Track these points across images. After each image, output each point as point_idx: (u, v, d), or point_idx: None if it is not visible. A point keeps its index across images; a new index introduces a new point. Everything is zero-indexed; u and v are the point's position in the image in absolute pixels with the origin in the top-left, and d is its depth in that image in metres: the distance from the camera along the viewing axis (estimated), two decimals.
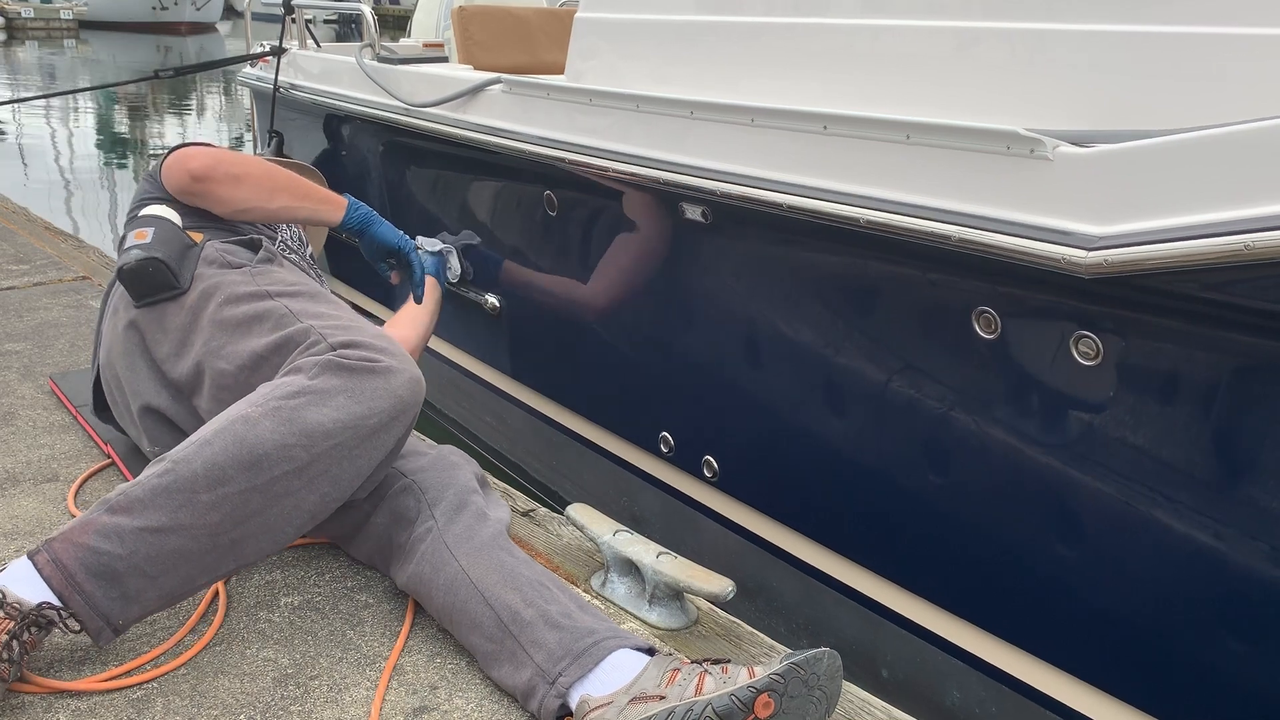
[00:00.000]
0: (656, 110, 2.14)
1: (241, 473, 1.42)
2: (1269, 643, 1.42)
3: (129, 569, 1.38)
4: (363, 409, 1.50)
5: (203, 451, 1.43)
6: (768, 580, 2.20)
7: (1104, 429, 1.53)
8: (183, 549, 1.41)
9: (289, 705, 1.41)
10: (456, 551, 1.54)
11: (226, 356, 1.68)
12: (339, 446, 1.48)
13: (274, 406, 1.47)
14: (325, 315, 1.69)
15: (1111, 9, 1.62)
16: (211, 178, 1.89)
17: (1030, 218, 1.47)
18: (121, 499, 1.41)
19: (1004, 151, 1.49)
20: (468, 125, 2.75)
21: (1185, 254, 1.28)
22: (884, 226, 1.65)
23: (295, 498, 1.47)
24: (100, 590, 1.37)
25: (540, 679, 1.37)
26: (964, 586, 1.79)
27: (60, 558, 1.37)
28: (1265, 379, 1.36)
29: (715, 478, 2.27)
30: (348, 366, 1.53)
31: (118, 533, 1.38)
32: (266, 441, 1.44)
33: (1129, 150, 1.38)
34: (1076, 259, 1.38)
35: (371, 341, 1.59)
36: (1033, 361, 1.59)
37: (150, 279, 1.76)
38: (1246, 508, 1.40)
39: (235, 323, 1.70)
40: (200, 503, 1.41)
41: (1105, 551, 1.56)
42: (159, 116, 14.66)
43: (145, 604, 1.42)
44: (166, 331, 1.76)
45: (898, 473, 1.85)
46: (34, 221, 4.45)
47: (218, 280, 1.77)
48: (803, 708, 1.25)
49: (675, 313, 2.26)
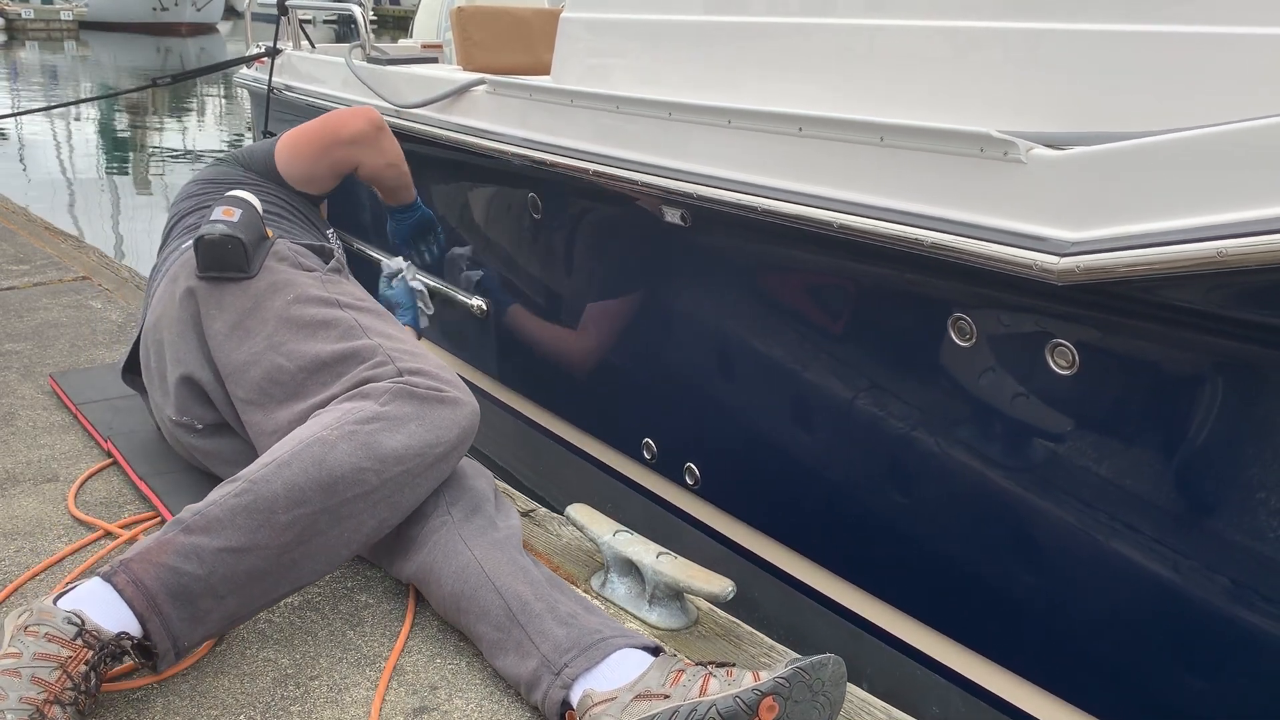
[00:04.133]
0: (635, 111, 2.12)
1: (319, 494, 1.45)
2: (1254, 660, 1.39)
3: (204, 590, 1.38)
4: (432, 437, 1.55)
5: (281, 473, 1.45)
6: (748, 589, 2.18)
7: (1082, 440, 1.50)
8: (254, 569, 1.42)
9: (289, 705, 1.41)
10: (471, 543, 1.56)
11: (288, 354, 1.70)
12: (407, 473, 1.52)
13: (349, 430, 1.51)
14: (393, 337, 1.74)
15: (1089, 9, 1.60)
16: (384, 129, 2.26)
17: (1003, 222, 1.44)
18: (199, 519, 1.41)
19: (977, 154, 1.47)
20: (453, 126, 2.73)
21: (1158, 261, 1.25)
22: (857, 231, 1.62)
23: (357, 520, 1.50)
24: (176, 612, 1.36)
25: (546, 669, 1.38)
26: (944, 601, 1.77)
27: (141, 578, 1.35)
28: (1241, 386, 1.33)
29: (697, 485, 2.24)
30: (419, 395, 1.58)
31: (198, 553, 1.38)
32: (344, 464, 1.47)
33: (1103, 153, 1.35)
34: (1049, 265, 1.36)
35: (437, 372, 1.65)
36: (1010, 371, 1.57)
37: (227, 255, 1.78)
38: (1228, 518, 1.38)
39: (303, 323, 1.73)
40: (278, 523, 1.42)
41: (1085, 566, 1.54)
42: (159, 117, 14.67)
43: (209, 626, 1.41)
44: (223, 310, 1.77)
45: (876, 483, 1.82)
46: (34, 221, 4.45)
47: (289, 277, 1.80)
48: (806, 713, 1.24)
49: (657, 317, 2.24)
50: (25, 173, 10.31)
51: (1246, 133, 1.21)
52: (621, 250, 2.31)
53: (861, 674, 1.95)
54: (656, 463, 2.35)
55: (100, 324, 2.97)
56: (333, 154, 2.20)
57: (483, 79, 2.66)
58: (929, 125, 1.53)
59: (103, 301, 3.21)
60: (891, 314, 1.73)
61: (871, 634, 1.91)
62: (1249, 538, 1.36)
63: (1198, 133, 1.26)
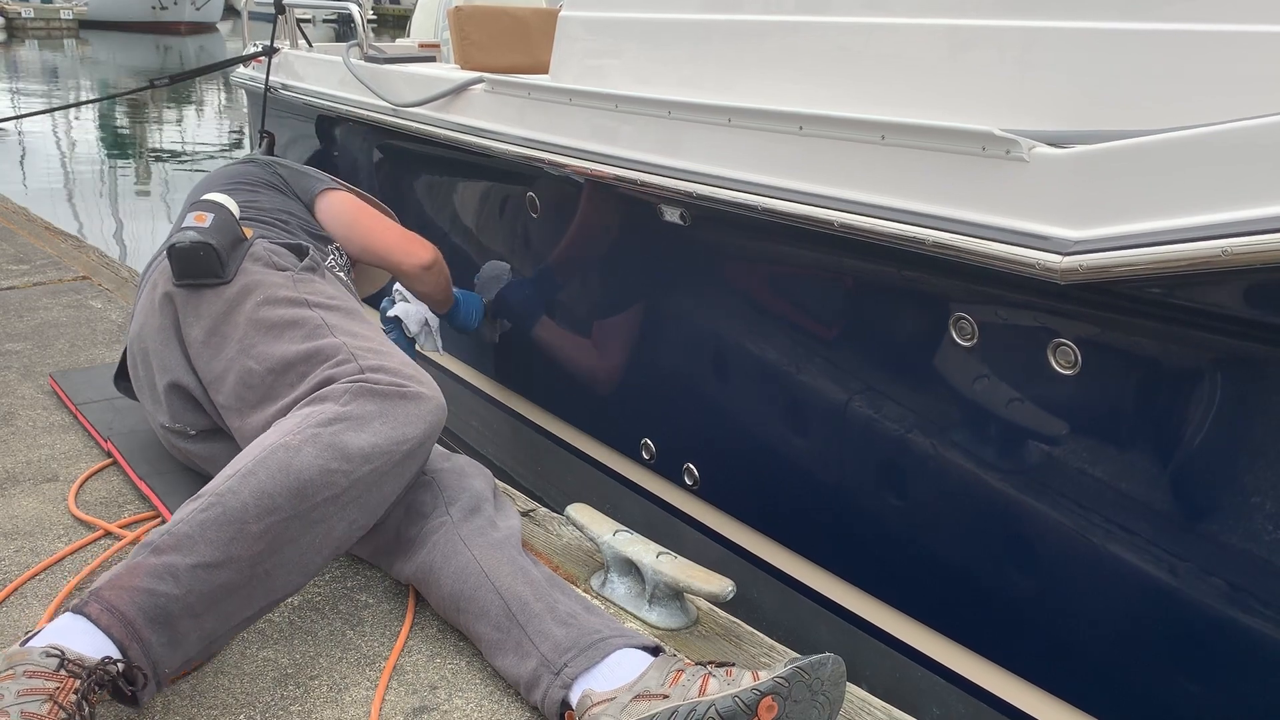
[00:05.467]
0: (635, 110, 2.11)
1: (289, 500, 1.42)
2: (1258, 663, 1.38)
3: (182, 610, 1.33)
4: (398, 434, 1.52)
5: (248, 482, 1.41)
6: (747, 590, 2.17)
7: (1083, 440, 1.49)
8: (228, 583, 1.38)
9: (289, 705, 1.41)
10: (470, 543, 1.55)
11: (256, 356, 1.69)
12: (375, 471, 1.49)
13: (312, 434, 1.48)
14: (358, 335, 1.71)
15: (1092, 7, 1.59)
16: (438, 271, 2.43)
17: (1005, 221, 1.43)
18: (167, 538, 1.37)
19: (979, 153, 1.46)
20: (451, 125, 2.72)
21: (1161, 260, 1.24)
22: (858, 230, 1.61)
23: (327, 524, 1.46)
24: (155, 637, 1.31)
25: (545, 669, 1.37)
26: (944, 602, 1.76)
27: (116, 605, 1.29)
28: (1244, 386, 1.32)
29: (696, 485, 2.23)
30: (379, 391, 1.55)
31: (172, 572, 1.33)
32: (311, 467, 1.44)
33: (1106, 151, 1.34)
34: (1051, 264, 1.35)
35: (399, 367, 1.63)
36: (1011, 370, 1.56)
37: (199, 263, 1.77)
38: (1231, 519, 1.37)
39: (270, 324, 1.71)
40: (250, 533, 1.39)
41: (1086, 567, 1.53)
42: (158, 116, 14.67)
43: (187, 649, 1.36)
44: (200, 316, 1.77)
45: (877, 484, 1.81)
46: (34, 221, 4.44)
47: (260, 278, 1.78)
48: (806, 713, 1.24)
49: (655, 316, 2.23)
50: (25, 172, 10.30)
51: (1251, 131, 1.20)
52: (620, 249, 2.30)
53: (861, 675, 1.94)
54: (655, 463, 2.34)
55: (100, 324, 2.97)
56: (380, 261, 2.31)
57: (481, 78, 2.65)
58: (931, 124, 1.52)
59: (103, 301, 3.20)
60: (892, 314, 1.72)
61: (871, 635, 1.90)
62: (1253, 539, 1.35)
63: (1202, 131, 1.25)
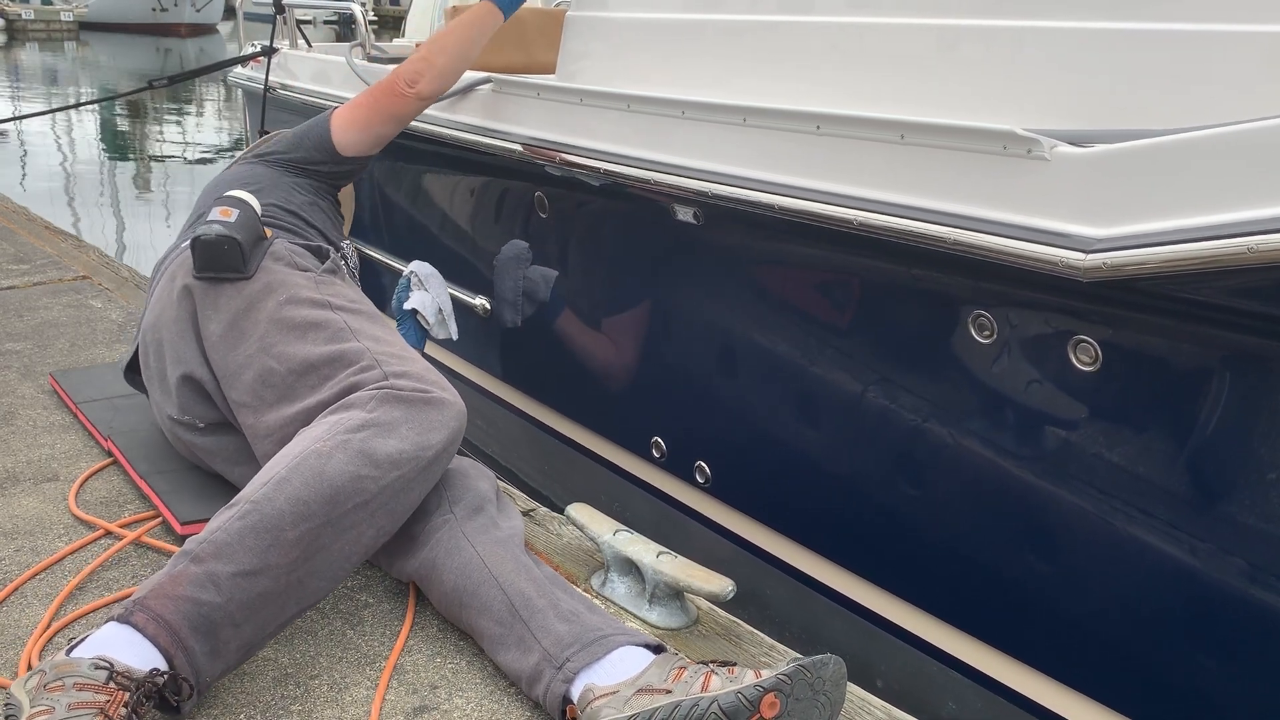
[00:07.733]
0: (647, 110, 2.10)
1: (322, 506, 1.43)
2: (1273, 657, 1.37)
3: (224, 618, 1.35)
4: (423, 439, 1.55)
5: (283, 489, 1.43)
6: (760, 588, 2.16)
7: (1104, 437, 1.49)
8: (266, 591, 1.39)
9: (289, 705, 1.40)
10: (473, 540, 1.56)
11: (278, 356, 1.69)
12: (402, 478, 1.51)
13: (342, 440, 1.49)
14: (380, 339, 1.73)
15: (1109, 6, 1.58)
16: (440, 72, 2.33)
17: (1027, 219, 1.43)
18: (206, 546, 1.38)
19: (1000, 152, 1.45)
20: (458, 125, 2.71)
21: (1186, 257, 1.24)
22: (877, 228, 1.61)
23: (357, 530, 1.48)
24: (199, 645, 1.33)
25: (547, 664, 1.38)
26: (960, 596, 1.75)
27: (161, 614, 1.31)
28: (1269, 384, 1.32)
29: (707, 483, 2.23)
30: (404, 398, 1.57)
31: (213, 580, 1.35)
32: (343, 473, 1.46)
33: (1128, 150, 1.33)
34: (1074, 262, 1.34)
35: (423, 373, 1.65)
36: (1031, 367, 1.55)
37: (222, 256, 1.78)
38: (1253, 515, 1.36)
39: (293, 324, 1.72)
40: (286, 540, 1.40)
41: (1104, 562, 1.52)
42: (158, 116, 14.66)
43: (227, 658, 1.38)
44: (219, 311, 1.77)
45: (893, 479, 1.81)
46: (34, 221, 4.44)
47: (283, 278, 1.79)
48: (807, 711, 1.24)
49: (667, 315, 2.22)
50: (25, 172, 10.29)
51: (1276, 129, 1.19)
52: (631, 248, 2.29)
53: (876, 670, 1.93)
54: (666, 461, 2.33)
55: (100, 323, 2.96)
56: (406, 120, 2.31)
57: (489, 78, 2.64)
58: (951, 123, 1.51)
59: (103, 301, 3.20)
60: (909, 311, 1.71)
61: (887, 631, 1.90)
62: (1276, 534, 1.34)
63: (1226, 129, 1.25)
